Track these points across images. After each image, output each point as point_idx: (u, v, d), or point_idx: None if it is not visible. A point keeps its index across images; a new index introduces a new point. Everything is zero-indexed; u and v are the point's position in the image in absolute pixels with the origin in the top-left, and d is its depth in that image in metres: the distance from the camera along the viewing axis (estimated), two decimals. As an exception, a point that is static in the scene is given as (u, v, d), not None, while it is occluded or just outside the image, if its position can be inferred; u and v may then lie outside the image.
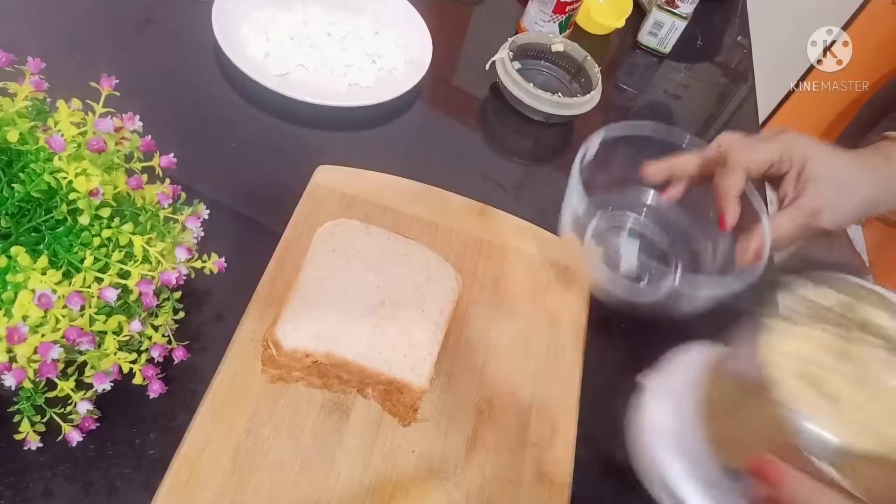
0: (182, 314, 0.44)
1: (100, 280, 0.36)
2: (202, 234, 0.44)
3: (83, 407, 0.38)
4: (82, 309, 0.35)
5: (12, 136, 0.36)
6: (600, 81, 0.76)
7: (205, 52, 0.69)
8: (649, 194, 0.60)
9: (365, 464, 0.45)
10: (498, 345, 0.54)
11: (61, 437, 0.39)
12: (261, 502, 0.42)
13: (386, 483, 0.45)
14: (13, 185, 0.36)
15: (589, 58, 0.78)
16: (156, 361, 0.41)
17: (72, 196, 0.36)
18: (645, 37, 0.92)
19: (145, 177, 0.40)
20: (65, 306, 0.34)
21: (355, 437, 0.46)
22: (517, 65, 0.75)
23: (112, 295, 0.36)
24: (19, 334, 0.32)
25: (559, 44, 0.79)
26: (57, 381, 0.36)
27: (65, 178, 0.35)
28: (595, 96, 0.75)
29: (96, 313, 0.36)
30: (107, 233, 0.37)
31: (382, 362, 0.47)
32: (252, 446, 0.44)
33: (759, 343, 0.36)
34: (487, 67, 0.76)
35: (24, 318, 0.33)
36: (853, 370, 0.35)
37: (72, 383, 0.37)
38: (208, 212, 0.45)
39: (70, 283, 0.35)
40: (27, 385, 0.34)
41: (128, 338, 0.39)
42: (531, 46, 0.79)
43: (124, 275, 0.37)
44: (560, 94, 0.74)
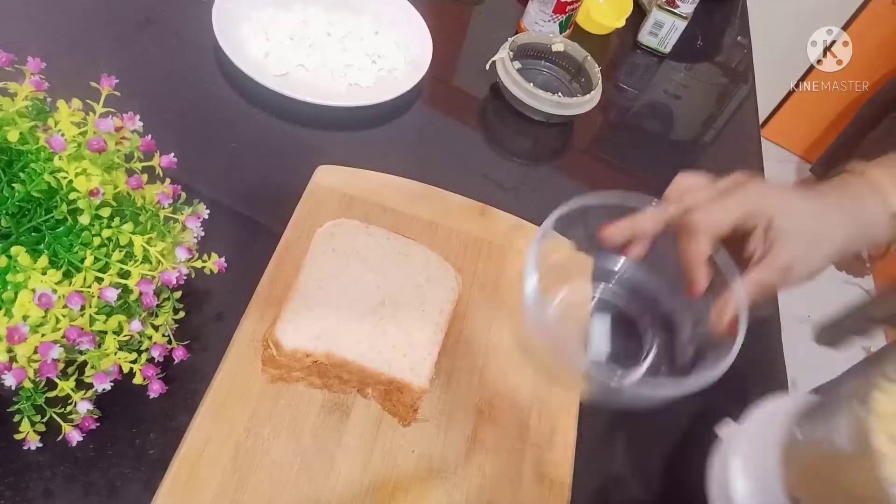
0: (182, 314, 0.44)
1: (100, 280, 0.36)
2: (202, 233, 0.44)
3: (83, 407, 0.38)
4: (82, 309, 0.35)
5: (12, 136, 0.36)
6: (600, 81, 0.76)
7: (205, 52, 0.69)
8: (618, 261, 0.56)
9: (365, 464, 0.45)
10: (498, 345, 0.54)
11: (61, 436, 0.39)
12: (261, 502, 0.42)
13: (386, 483, 0.45)
14: (13, 184, 0.36)
15: (589, 58, 0.78)
16: (156, 361, 0.41)
17: (72, 196, 0.36)
18: (645, 37, 0.92)
19: (145, 177, 0.40)
20: (65, 306, 0.34)
21: (355, 437, 0.46)
22: (517, 65, 0.75)
23: (112, 295, 0.36)
24: (19, 334, 0.32)
25: (559, 44, 0.79)
26: (57, 380, 0.36)
27: (65, 177, 0.35)
28: (595, 96, 0.75)
29: (96, 313, 0.36)
30: (107, 232, 0.37)
31: (382, 362, 0.47)
32: (252, 446, 0.44)
33: (862, 405, 0.34)
34: (487, 67, 0.76)
35: (25, 318, 0.33)
36: None
37: (72, 383, 0.37)
38: (208, 212, 0.45)
39: (70, 283, 0.35)
40: (27, 385, 0.34)
41: (128, 338, 0.39)
42: (531, 46, 0.79)
43: (124, 274, 0.37)
44: (560, 94, 0.74)
